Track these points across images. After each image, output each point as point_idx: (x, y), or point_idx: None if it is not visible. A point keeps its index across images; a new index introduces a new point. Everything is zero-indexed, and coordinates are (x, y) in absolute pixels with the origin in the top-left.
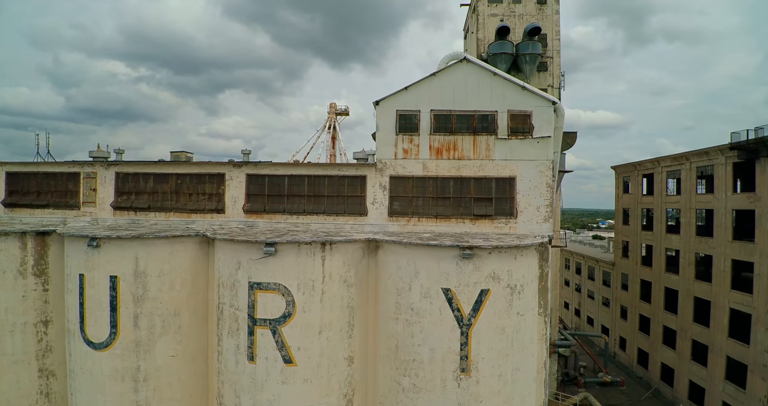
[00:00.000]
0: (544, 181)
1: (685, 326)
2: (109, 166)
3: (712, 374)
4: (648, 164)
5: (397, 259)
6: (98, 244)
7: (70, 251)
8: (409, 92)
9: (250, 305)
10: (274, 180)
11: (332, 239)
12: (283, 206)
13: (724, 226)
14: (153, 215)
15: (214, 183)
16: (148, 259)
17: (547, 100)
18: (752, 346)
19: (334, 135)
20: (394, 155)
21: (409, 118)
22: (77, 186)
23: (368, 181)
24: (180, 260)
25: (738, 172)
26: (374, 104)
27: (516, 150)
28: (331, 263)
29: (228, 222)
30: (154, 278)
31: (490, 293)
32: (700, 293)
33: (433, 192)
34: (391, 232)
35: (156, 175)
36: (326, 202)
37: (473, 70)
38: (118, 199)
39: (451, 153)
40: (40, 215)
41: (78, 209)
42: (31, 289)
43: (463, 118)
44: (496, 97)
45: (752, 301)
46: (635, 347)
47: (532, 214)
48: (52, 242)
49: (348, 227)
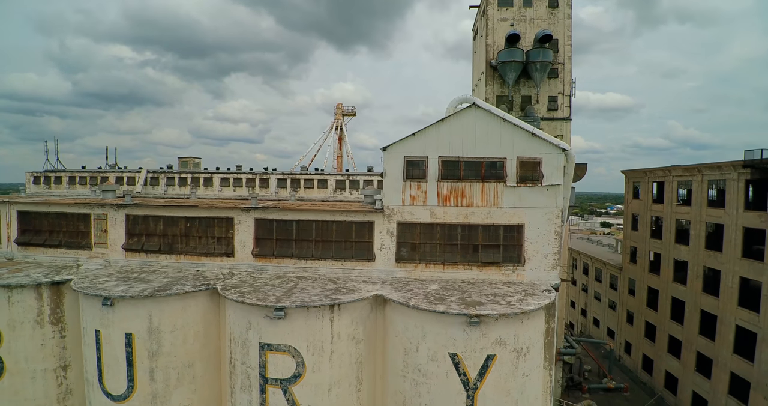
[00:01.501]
0: (552, 229)
1: (691, 337)
2: (119, 208)
3: (715, 387)
4: (659, 172)
5: (405, 319)
6: (112, 303)
7: (85, 306)
8: (417, 138)
9: (261, 365)
10: (283, 225)
11: (340, 301)
12: (292, 250)
13: (734, 242)
14: (164, 257)
15: (223, 227)
16: (162, 316)
17: (557, 147)
18: (757, 364)
19: (341, 136)
20: (401, 202)
21: (416, 165)
22: (88, 227)
23: (376, 227)
24: (192, 313)
25: (750, 189)
26: (382, 150)
27: (525, 197)
28: (339, 323)
29: (237, 265)
30: (168, 334)
31: (497, 357)
32: (706, 307)
33: (440, 238)
34: (399, 279)
35: (165, 219)
36: (334, 247)
37: (482, 115)
38: (129, 241)
39: (459, 200)
40: (53, 254)
41: (90, 250)
42: (48, 337)
43: (471, 165)
44: (506, 144)
45: (759, 320)
46: (640, 353)
47: (540, 261)
48: (66, 291)
49: (356, 272)
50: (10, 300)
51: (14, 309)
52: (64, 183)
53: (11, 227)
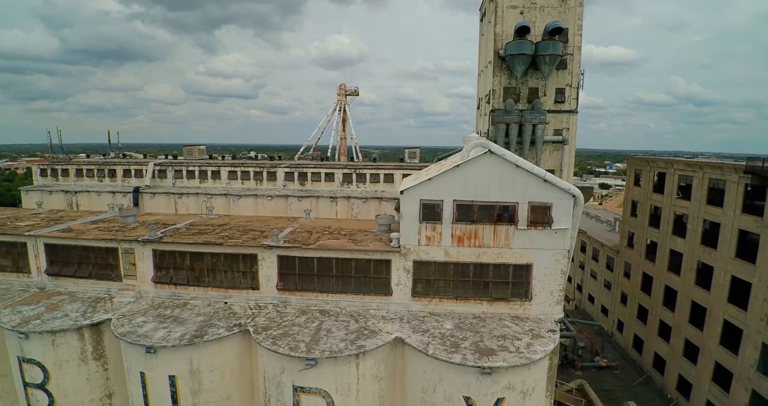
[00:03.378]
0: (559, 269)
1: (681, 325)
2: (145, 244)
3: (700, 373)
4: (662, 163)
5: (423, 363)
6: (155, 350)
7: (128, 350)
8: (433, 182)
9: (295, 404)
10: (304, 261)
11: (365, 348)
12: (314, 284)
13: (729, 242)
14: (192, 289)
15: (248, 262)
16: (201, 359)
17: (567, 192)
18: (740, 358)
19: (344, 117)
20: (417, 242)
21: (432, 208)
22: (117, 260)
23: (393, 265)
24: (228, 354)
25: (749, 194)
26: (400, 193)
27: (534, 239)
28: (364, 366)
29: (263, 298)
30: (207, 373)
31: (506, 399)
32: (698, 299)
33: (453, 275)
34: (414, 312)
35: (192, 253)
36: (354, 282)
37: (496, 162)
38: (158, 274)
39: (472, 241)
40: (84, 284)
41: (120, 281)
42: (93, 371)
43: (484, 209)
44: (518, 189)
45: (746, 318)
46: (632, 333)
47: (546, 297)
48: (106, 329)
49: (374, 305)
50: (54, 343)
51: (59, 350)
52: (72, 175)
53: (40, 258)
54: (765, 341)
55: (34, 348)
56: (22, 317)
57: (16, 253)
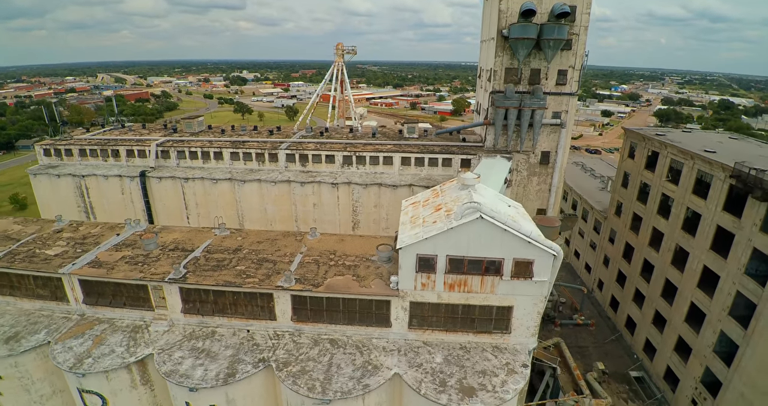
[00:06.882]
0: (536, 310)
1: (653, 296)
2: (172, 283)
3: (665, 341)
4: (656, 143)
5: (417, 399)
6: (197, 390)
7: (174, 388)
8: (428, 241)
9: None
10: (314, 299)
11: (370, 387)
12: (323, 317)
13: (706, 234)
14: (218, 318)
15: (265, 299)
16: (235, 392)
17: (548, 252)
18: (700, 337)
19: (342, 79)
20: (413, 287)
21: (427, 261)
22: (147, 294)
23: (392, 304)
24: (256, 385)
25: (731, 194)
26: (398, 249)
27: (517, 288)
28: (368, 401)
29: (280, 327)
30: (240, 401)
31: None
32: (671, 278)
33: (444, 313)
34: (410, 341)
35: (214, 291)
36: (358, 316)
37: (487, 226)
38: (186, 306)
39: (462, 288)
40: (120, 312)
41: (153, 311)
42: (143, 394)
43: (474, 263)
44: (505, 247)
45: (710, 304)
46: (610, 293)
47: (523, 331)
48: (149, 361)
49: (376, 334)
50: (108, 377)
51: (112, 383)
52: (76, 155)
53: (76, 291)
54: (724, 329)
55: (92, 383)
56: (74, 354)
57: (53, 285)
